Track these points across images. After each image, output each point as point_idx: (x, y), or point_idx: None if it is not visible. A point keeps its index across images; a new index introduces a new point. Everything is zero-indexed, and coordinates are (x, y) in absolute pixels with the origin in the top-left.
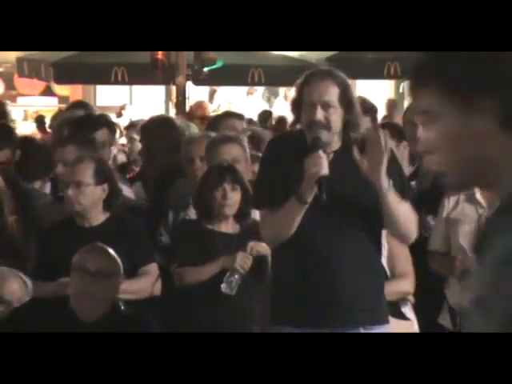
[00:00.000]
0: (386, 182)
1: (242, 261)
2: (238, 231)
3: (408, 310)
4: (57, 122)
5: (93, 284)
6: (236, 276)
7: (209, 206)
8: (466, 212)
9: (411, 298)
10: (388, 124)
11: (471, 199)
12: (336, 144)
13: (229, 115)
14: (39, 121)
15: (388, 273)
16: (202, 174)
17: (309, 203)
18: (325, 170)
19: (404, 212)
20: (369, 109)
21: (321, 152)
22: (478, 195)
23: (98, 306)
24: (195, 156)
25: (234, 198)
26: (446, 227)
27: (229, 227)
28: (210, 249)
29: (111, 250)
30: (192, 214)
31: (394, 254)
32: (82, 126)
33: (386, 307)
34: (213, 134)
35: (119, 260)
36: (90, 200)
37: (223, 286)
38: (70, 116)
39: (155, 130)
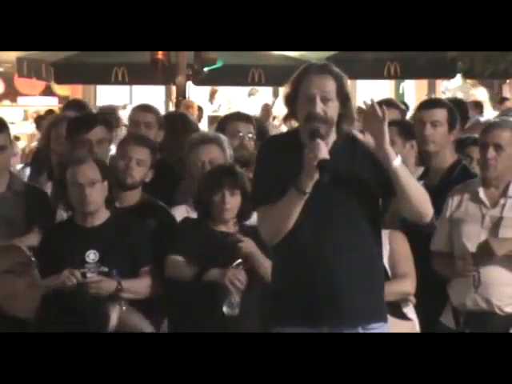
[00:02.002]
0: (393, 154)
1: (233, 277)
2: (238, 230)
3: (409, 311)
4: (47, 123)
5: (12, 283)
6: (234, 297)
7: (208, 209)
8: (469, 211)
9: (412, 299)
10: (396, 122)
11: (475, 198)
12: (331, 138)
13: (235, 117)
14: (39, 121)
15: (389, 273)
16: (202, 176)
17: (308, 193)
18: (325, 154)
19: (416, 187)
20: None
21: (319, 140)
22: (482, 194)
23: (28, 300)
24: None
25: (233, 202)
26: (449, 227)
27: (229, 227)
28: (210, 248)
29: (17, 243)
30: (178, 214)
31: (395, 254)
32: (77, 126)
33: (384, 307)
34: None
35: (27, 251)
36: (102, 197)
37: (225, 310)
38: (61, 116)
39: (169, 126)
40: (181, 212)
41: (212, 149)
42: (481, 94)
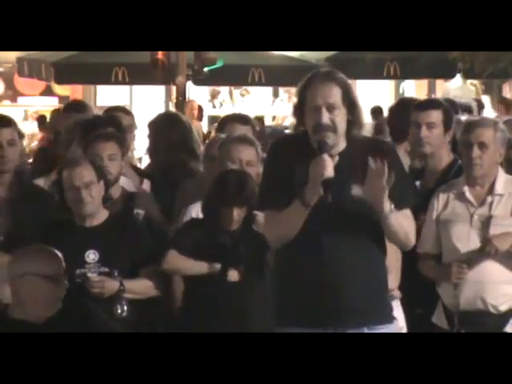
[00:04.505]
0: (387, 208)
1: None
2: (244, 229)
3: (396, 309)
4: (69, 125)
5: (44, 287)
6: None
7: (215, 217)
8: (456, 211)
9: (397, 293)
10: None
11: (461, 198)
12: (341, 145)
13: (233, 119)
14: (41, 121)
15: None
16: (215, 179)
17: (312, 205)
18: (330, 172)
19: (404, 226)
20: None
21: (325, 155)
22: (468, 193)
23: (49, 308)
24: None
25: (240, 214)
26: (436, 228)
27: (234, 227)
28: (217, 246)
29: (55, 250)
30: (194, 214)
31: None
32: (91, 128)
33: (389, 307)
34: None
35: (62, 259)
36: (99, 198)
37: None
38: (74, 121)
39: (160, 127)
40: (198, 209)
41: (251, 150)
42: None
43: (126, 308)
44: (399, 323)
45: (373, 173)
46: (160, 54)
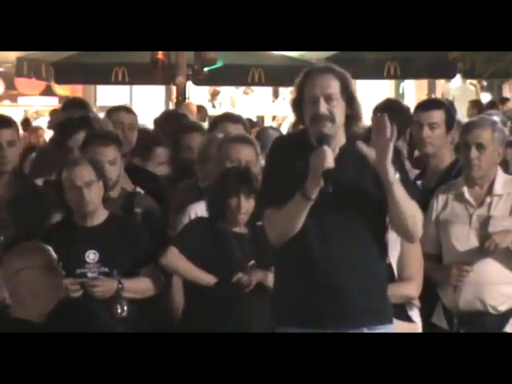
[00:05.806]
0: (392, 171)
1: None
2: (249, 231)
3: (414, 314)
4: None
5: (41, 278)
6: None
7: (222, 211)
8: (456, 212)
9: (417, 302)
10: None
11: (460, 199)
12: (341, 139)
13: (224, 118)
14: (25, 123)
15: (396, 275)
16: (218, 176)
17: (313, 199)
18: (330, 163)
19: (410, 207)
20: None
21: (326, 147)
22: (467, 194)
23: (48, 300)
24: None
25: (247, 206)
26: (436, 229)
27: (241, 228)
28: (223, 247)
29: (41, 243)
30: (193, 214)
31: (404, 256)
32: (60, 131)
33: (389, 308)
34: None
35: (51, 250)
36: (99, 197)
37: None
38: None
39: (163, 126)
40: (200, 208)
41: (250, 150)
42: (484, 98)
43: (125, 308)
44: (419, 329)
45: (375, 128)
46: (160, 54)
